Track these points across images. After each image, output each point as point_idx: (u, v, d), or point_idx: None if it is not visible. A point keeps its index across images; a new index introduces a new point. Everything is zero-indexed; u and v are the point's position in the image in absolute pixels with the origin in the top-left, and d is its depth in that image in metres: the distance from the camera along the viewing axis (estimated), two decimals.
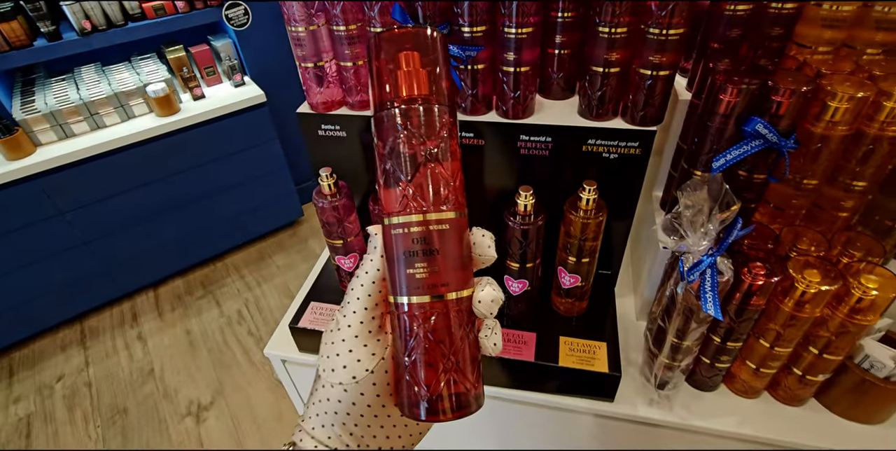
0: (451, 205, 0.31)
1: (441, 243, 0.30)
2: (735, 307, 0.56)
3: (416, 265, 0.30)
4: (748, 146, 0.55)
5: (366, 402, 0.32)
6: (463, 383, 0.31)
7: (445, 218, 0.30)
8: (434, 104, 0.31)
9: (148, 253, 1.91)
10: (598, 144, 0.62)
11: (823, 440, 0.61)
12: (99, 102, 1.58)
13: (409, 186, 0.30)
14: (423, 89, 0.31)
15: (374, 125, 0.32)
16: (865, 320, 0.53)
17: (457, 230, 0.31)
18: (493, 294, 0.32)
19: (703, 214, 0.51)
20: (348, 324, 0.32)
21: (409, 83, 0.31)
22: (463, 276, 0.31)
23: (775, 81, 0.52)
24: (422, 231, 0.30)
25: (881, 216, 0.59)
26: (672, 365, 0.61)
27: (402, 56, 0.31)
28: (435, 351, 0.30)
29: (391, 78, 0.31)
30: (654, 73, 0.56)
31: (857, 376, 0.59)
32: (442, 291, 0.30)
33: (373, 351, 0.32)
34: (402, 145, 0.30)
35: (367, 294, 0.32)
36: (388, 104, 0.31)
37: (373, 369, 0.32)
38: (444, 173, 0.31)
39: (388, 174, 0.31)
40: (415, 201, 0.30)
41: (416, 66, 0.31)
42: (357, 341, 0.32)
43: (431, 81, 0.31)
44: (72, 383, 1.73)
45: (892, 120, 0.52)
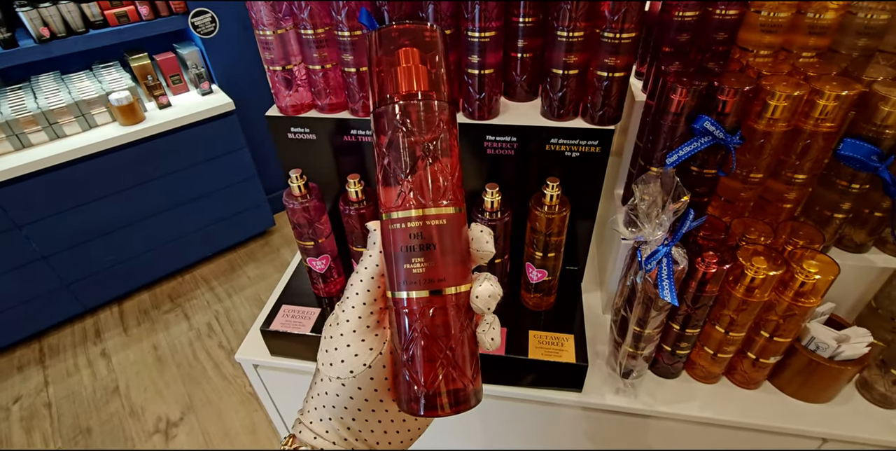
0: (450, 200, 0.31)
1: (439, 239, 0.30)
2: (691, 295, 0.60)
3: (413, 260, 0.30)
4: (698, 143, 0.59)
5: (363, 397, 0.32)
6: (461, 378, 0.31)
7: (444, 213, 0.30)
8: (434, 100, 0.31)
9: (111, 267, 1.85)
10: (560, 144, 0.65)
11: (777, 419, 0.65)
12: (58, 110, 1.54)
13: (407, 182, 0.30)
14: (423, 85, 0.31)
15: (374, 121, 0.32)
16: (809, 302, 0.57)
17: (455, 226, 0.31)
18: (490, 289, 0.31)
19: (657, 206, 0.54)
20: (347, 319, 0.33)
21: (409, 79, 0.31)
22: (461, 271, 0.31)
23: (721, 82, 0.56)
24: (420, 226, 0.30)
25: (821, 207, 0.64)
26: (636, 353, 0.64)
27: (401, 52, 0.31)
28: (433, 346, 0.30)
29: (390, 74, 0.31)
30: (609, 74, 0.60)
31: (804, 357, 0.63)
32: (440, 286, 0.30)
33: (371, 346, 0.32)
34: (401, 141, 0.30)
35: (365, 290, 0.33)
36: (387, 100, 0.31)
37: (370, 365, 0.32)
38: (443, 169, 0.31)
39: (387, 170, 0.31)
40: (413, 197, 0.30)
41: (416, 63, 0.31)
42: (355, 336, 0.32)
43: (431, 77, 0.31)
44: (30, 404, 1.65)
45: (826, 117, 0.57)
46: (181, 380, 1.70)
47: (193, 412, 1.60)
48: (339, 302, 0.34)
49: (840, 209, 0.63)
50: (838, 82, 0.56)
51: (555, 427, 0.77)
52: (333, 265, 0.74)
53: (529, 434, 0.80)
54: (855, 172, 0.59)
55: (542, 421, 0.76)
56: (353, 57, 0.63)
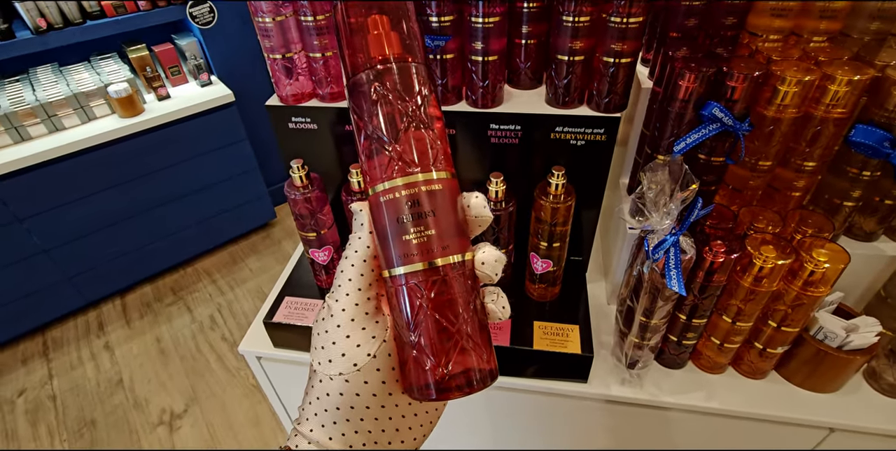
0: (439, 165, 0.29)
1: (434, 205, 0.28)
2: (698, 285, 0.59)
3: (410, 231, 0.28)
4: (706, 130, 0.57)
5: (370, 391, 0.29)
6: (475, 354, 0.29)
7: (436, 178, 0.29)
8: (409, 63, 0.30)
9: (113, 260, 1.85)
10: (565, 132, 0.64)
11: (784, 409, 0.65)
12: (57, 103, 1.53)
13: (394, 148, 0.29)
14: (396, 49, 0.30)
15: (349, 94, 0.31)
16: (818, 292, 0.56)
17: (448, 191, 0.29)
18: (495, 254, 0.30)
19: (664, 194, 0.53)
20: (342, 308, 0.30)
21: (380, 45, 0.30)
22: (460, 240, 0.29)
23: (730, 68, 0.55)
24: (411, 194, 0.28)
25: (830, 195, 0.63)
26: (641, 344, 0.64)
27: (369, 21, 0.30)
28: (440, 323, 0.28)
29: (361, 43, 0.30)
30: (616, 60, 0.59)
31: (812, 347, 0.62)
32: (441, 254, 0.28)
33: (372, 334, 0.30)
34: (381, 108, 0.29)
35: (359, 274, 0.30)
36: (360, 68, 0.30)
37: (375, 354, 0.29)
38: (427, 133, 0.29)
39: (370, 141, 0.30)
40: (401, 163, 0.28)
41: (387, 29, 0.30)
42: (354, 325, 0.30)
43: (404, 42, 0.30)
44: (34, 397, 1.66)
45: (836, 103, 0.55)
46: (184, 372, 1.71)
47: (197, 404, 1.61)
48: (328, 294, 0.31)
49: (850, 197, 0.62)
50: (850, 67, 0.55)
51: (560, 418, 0.77)
52: (336, 256, 0.74)
53: (534, 425, 0.80)
54: (866, 158, 0.58)
55: (547, 412, 0.76)
56: None
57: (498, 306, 0.30)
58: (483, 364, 0.29)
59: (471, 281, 0.30)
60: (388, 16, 0.30)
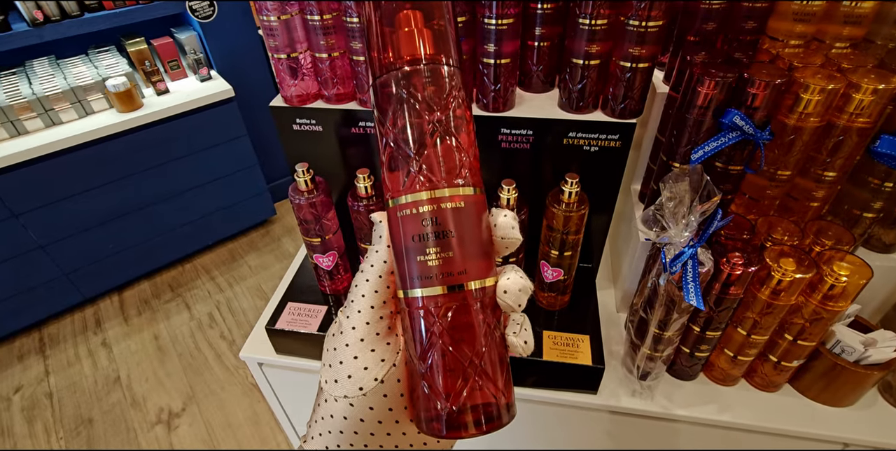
0: (466, 180, 0.27)
1: (456, 224, 0.26)
2: (714, 297, 0.57)
3: (427, 252, 0.26)
4: (725, 138, 0.56)
5: (375, 418, 0.28)
6: (490, 390, 0.26)
7: (460, 194, 0.26)
8: (441, 65, 0.27)
9: (111, 256, 1.83)
10: (578, 137, 0.62)
11: (798, 423, 0.63)
12: (54, 97, 1.50)
13: (416, 160, 0.26)
14: (429, 49, 0.27)
15: (373, 95, 0.29)
16: (837, 306, 0.55)
17: (474, 209, 0.27)
18: (520, 282, 0.27)
19: (684, 206, 0.51)
20: (352, 326, 0.28)
21: (411, 43, 0.27)
22: (484, 263, 0.27)
23: (751, 74, 0.53)
24: (433, 211, 0.26)
25: (850, 205, 0.61)
26: (654, 356, 0.62)
27: (401, 16, 0.27)
28: (455, 353, 0.26)
29: (390, 41, 0.27)
30: (633, 65, 0.57)
31: (829, 360, 0.61)
32: (460, 280, 0.26)
33: (382, 357, 0.28)
34: (406, 113, 0.27)
35: (372, 290, 0.28)
36: (387, 69, 0.27)
37: (383, 379, 0.28)
38: (457, 145, 0.27)
39: (393, 150, 0.27)
40: (424, 176, 0.26)
41: (420, 27, 0.27)
42: (363, 345, 0.28)
43: (437, 41, 0.27)
44: (31, 394, 1.64)
45: (861, 112, 0.54)
46: (183, 370, 1.70)
47: (195, 402, 1.60)
48: (342, 308, 0.30)
49: (871, 208, 0.60)
50: (876, 75, 0.53)
51: (568, 429, 0.76)
52: (340, 262, 0.72)
53: (542, 436, 0.79)
54: (889, 169, 0.57)
55: (556, 423, 0.75)
56: (361, 45, 0.60)
57: (520, 339, 0.28)
58: (500, 401, 0.27)
59: (492, 308, 0.27)
60: (422, 12, 0.27)
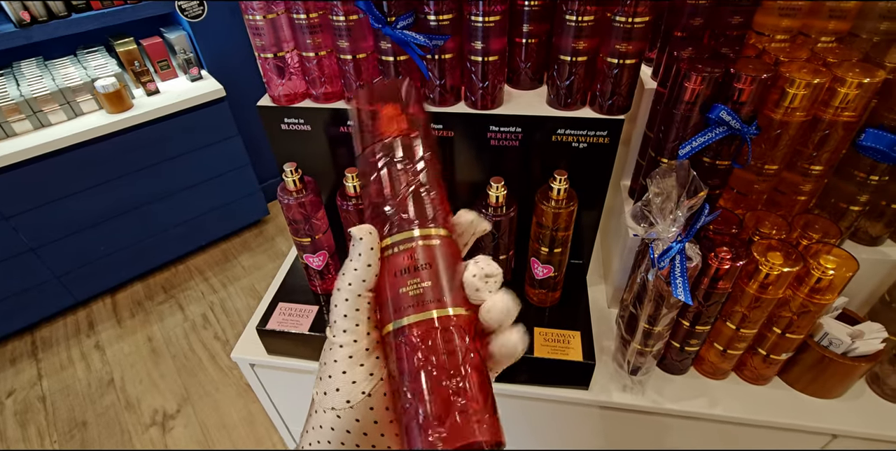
0: (439, 222, 0.30)
1: (432, 258, 0.29)
2: (703, 292, 0.58)
3: (408, 283, 0.28)
4: (713, 133, 0.56)
5: (361, 430, 0.28)
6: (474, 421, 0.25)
7: (435, 234, 0.30)
8: (416, 137, 0.33)
9: (103, 258, 1.82)
10: (567, 134, 0.62)
11: (787, 415, 0.64)
12: (42, 98, 1.49)
13: (395, 207, 0.30)
14: (403, 125, 0.33)
15: (359, 165, 0.34)
16: (825, 299, 0.55)
17: (449, 248, 0.30)
18: (506, 304, 0.28)
19: (671, 201, 0.51)
20: (340, 344, 0.29)
21: (389, 125, 0.33)
22: (460, 295, 0.28)
23: (737, 69, 0.53)
24: (411, 248, 0.29)
25: (836, 199, 0.62)
26: (644, 351, 0.62)
27: (380, 108, 0.33)
28: (432, 383, 0.26)
29: (372, 125, 0.33)
30: (620, 61, 0.57)
31: (817, 353, 0.62)
32: (438, 306, 0.27)
33: (370, 371, 0.29)
34: (386, 172, 0.31)
35: (353, 309, 0.29)
36: (369, 143, 0.33)
37: (370, 393, 0.28)
38: (431, 199, 0.31)
39: (375, 203, 0.31)
40: (404, 220, 0.30)
41: (396, 113, 0.33)
42: (351, 361, 0.29)
43: (410, 120, 0.33)
44: (24, 397, 1.63)
45: (846, 106, 0.54)
46: (177, 372, 1.69)
47: (190, 404, 1.59)
48: (328, 325, 0.31)
49: (857, 202, 0.60)
50: (861, 69, 0.53)
51: (560, 425, 0.76)
52: (331, 262, 0.72)
53: (534, 432, 0.79)
54: (875, 163, 0.57)
55: (547, 419, 0.75)
56: (348, 43, 0.59)
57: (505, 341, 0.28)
58: (483, 434, 0.26)
59: (469, 338, 0.27)
60: (398, 104, 0.34)
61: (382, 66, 0.61)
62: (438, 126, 0.64)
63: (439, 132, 0.65)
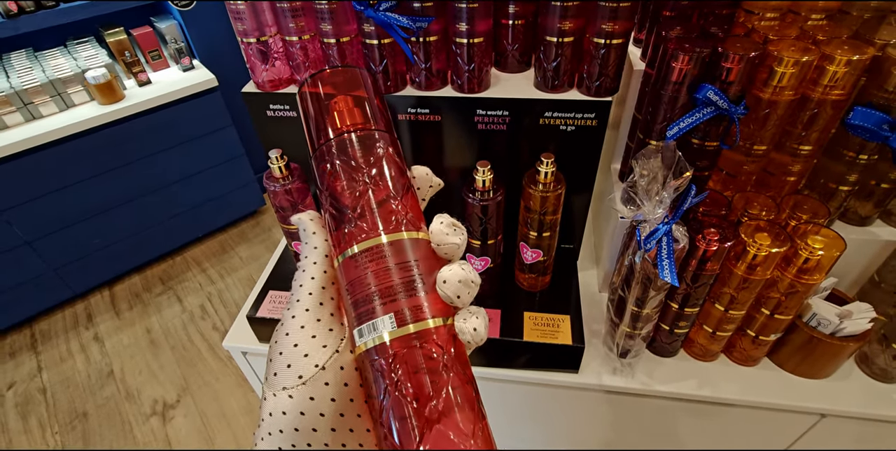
0: (409, 227, 0.28)
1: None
2: (691, 274, 0.58)
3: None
4: (700, 113, 0.55)
5: (317, 409, 0.25)
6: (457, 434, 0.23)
7: (402, 238, 0.27)
8: (372, 130, 0.30)
9: (99, 250, 1.82)
10: (554, 117, 0.62)
11: (776, 396, 0.64)
12: (33, 90, 1.47)
13: (356, 215, 0.28)
14: (357, 119, 0.30)
15: (315, 167, 0.31)
16: (812, 279, 0.55)
17: (421, 247, 0.27)
18: (461, 273, 0.26)
19: (657, 182, 0.51)
20: (292, 315, 0.28)
21: (342, 118, 0.30)
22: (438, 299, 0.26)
23: (725, 48, 0.53)
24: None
25: (825, 179, 0.61)
26: (633, 333, 0.63)
27: (332, 103, 0.31)
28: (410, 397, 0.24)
29: (323, 120, 0.31)
30: (607, 41, 0.56)
31: (805, 333, 0.62)
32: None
33: (323, 343, 0.27)
34: (343, 175, 0.29)
35: (309, 277, 0.28)
36: (322, 143, 0.30)
37: (324, 365, 0.26)
38: (396, 200, 0.28)
39: (335, 210, 0.29)
40: (368, 226, 0.27)
41: (349, 106, 0.30)
42: (303, 333, 0.27)
43: (366, 114, 0.31)
44: (24, 390, 1.64)
45: (835, 84, 0.53)
46: (176, 363, 1.70)
47: (189, 394, 1.60)
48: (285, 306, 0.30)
49: (846, 181, 0.60)
50: (850, 46, 0.53)
51: (551, 408, 0.77)
52: None
53: (526, 416, 0.80)
54: (863, 142, 0.57)
55: (539, 402, 0.76)
56: (332, 27, 0.59)
57: (468, 325, 0.27)
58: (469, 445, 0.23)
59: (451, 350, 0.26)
60: (351, 96, 0.31)
61: (367, 49, 0.60)
62: (425, 111, 0.64)
63: (426, 117, 0.64)
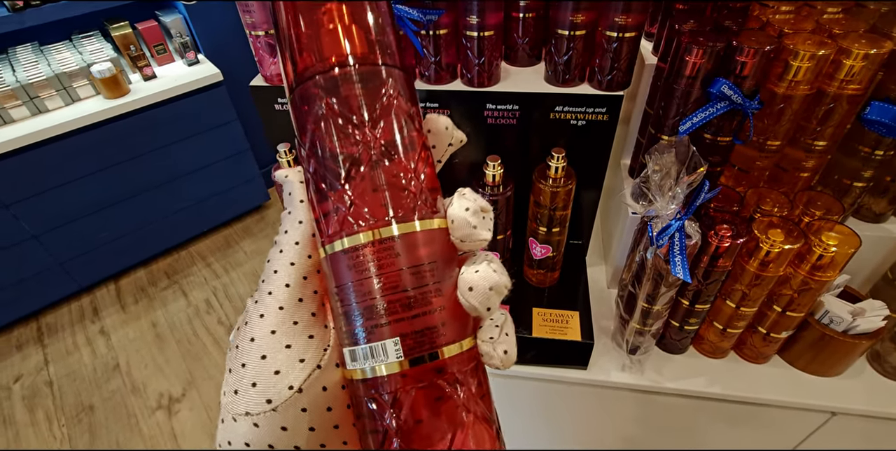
0: (425, 213, 0.20)
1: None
2: (702, 270, 0.57)
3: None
4: (714, 108, 0.55)
5: (291, 441, 0.20)
6: None
7: (413, 231, 0.20)
8: (380, 66, 0.21)
9: (105, 244, 1.82)
10: (565, 111, 0.61)
11: (787, 393, 0.64)
12: (38, 84, 1.47)
13: (346, 194, 0.20)
14: (360, 47, 0.21)
15: (292, 112, 0.22)
16: (826, 276, 0.55)
17: (438, 245, 0.20)
18: (492, 278, 0.20)
19: (670, 178, 0.50)
20: (261, 313, 0.21)
21: (337, 42, 0.21)
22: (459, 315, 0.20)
23: (739, 42, 0.52)
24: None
25: (840, 175, 0.61)
26: (643, 330, 0.62)
27: (320, 15, 0.21)
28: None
29: (310, 41, 0.21)
30: (620, 35, 0.55)
31: (817, 331, 0.61)
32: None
33: (301, 356, 0.20)
34: (332, 132, 0.20)
35: (288, 262, 0.21)
36: (306, 76, 0.21)
37: (301, 387, 0.20)
38: (403, 169, 0.20)
39: (318, 179, 0.21)
40: (363, 213, 0.20)
41: (347, 22, 0.21)
42: (274, 339, 0.20)
43: (369, 38, 0.21)
44: (31, 383, 1.65)
45: (851, 78, 0.53)
46: (181, 356, 1.70)
47: (195, 387, 1.61)
48: (252, 295, 0.22)
49: (861, 177, 0.59)
50: (867, 40, 0.52)
51: (559, 405, 0.76)
52: None
53: (534, 412, 0.80)
54: (879, 137, 0.56)
55: (547, 399, 0.75)
56: None
57: (497, 349, 0.21)
58: None
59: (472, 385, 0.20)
60: (350, 4, 0.21)
61: None
62: (434, 105, 0.63)
63: (435, 111, 0.63)
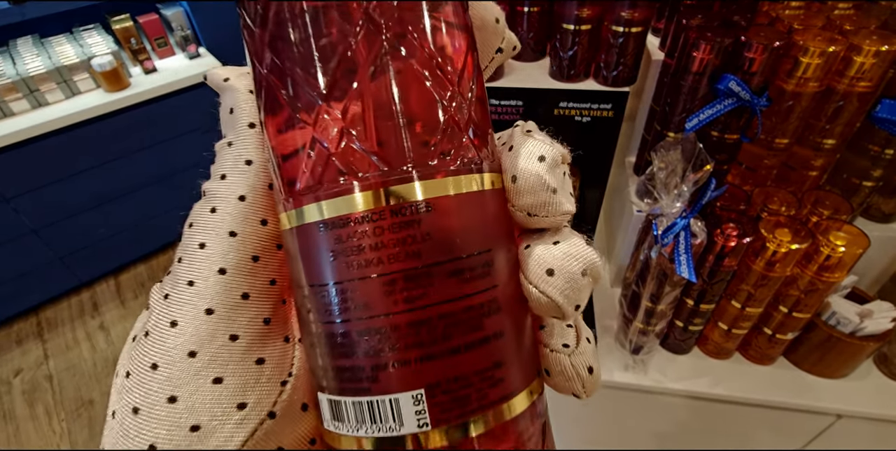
0: (467, 159, 0.13)
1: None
2: (708, 269, 0.56)
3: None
4: (721, 105, 0.54)
5: None
6: None
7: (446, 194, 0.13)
8: None
9: (105, 239, 1.82)
10: (570, 108, 0.60)
11: (792, 395, 0.63)
12: (39, 77, 1.47)
13: (335, 116, 0.13)
14: None
15: None
16: (833, 277, 0.54)
17: (494, 222, 0.14)
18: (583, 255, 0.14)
19: (676, 176, 0.49)
20: (172, 319, 0.14)
21: None
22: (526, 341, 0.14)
23: (748, 37, 0.51)
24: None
25: (848, 174, 0.60)
26: (646, 330, 0.61)
27: None
28: None
29: None
30: (626, 30, 0.54)
31: (824, 332, 0.60)
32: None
33: (240, 398, 0.14)
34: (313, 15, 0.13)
35: (226, 231, 0.15)
36: None
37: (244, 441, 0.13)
38: (429, 76, 0.13)
39: (279, 87, 0.13)
40: (354, 156, 0.13)
41: None
42: (193, 368, 0.13)
43: None
44: (31, 377, 1.65)
45: (862, 75, 0.52)
46: None
47: None
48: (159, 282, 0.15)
49: (870, 177, 0.58)
50: (878, 37, 0.51)
51: (561, 405, 0.76)
52: None
53: None
54: (889, 136, 0.55)
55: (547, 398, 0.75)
56: None
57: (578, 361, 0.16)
58: None
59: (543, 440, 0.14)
60: None
61: None
62: None
63: None
